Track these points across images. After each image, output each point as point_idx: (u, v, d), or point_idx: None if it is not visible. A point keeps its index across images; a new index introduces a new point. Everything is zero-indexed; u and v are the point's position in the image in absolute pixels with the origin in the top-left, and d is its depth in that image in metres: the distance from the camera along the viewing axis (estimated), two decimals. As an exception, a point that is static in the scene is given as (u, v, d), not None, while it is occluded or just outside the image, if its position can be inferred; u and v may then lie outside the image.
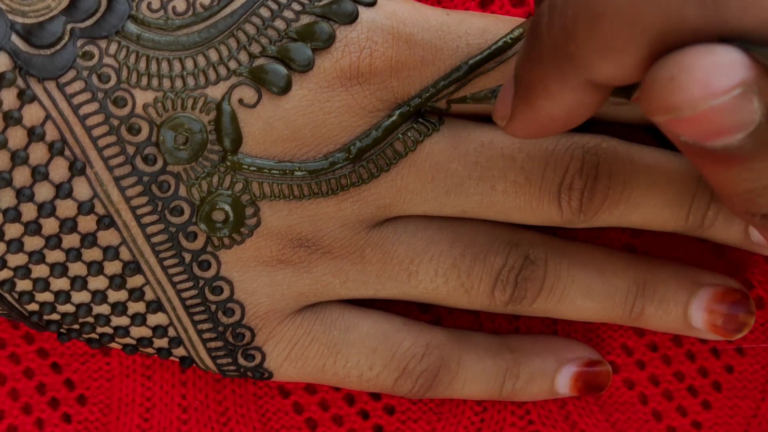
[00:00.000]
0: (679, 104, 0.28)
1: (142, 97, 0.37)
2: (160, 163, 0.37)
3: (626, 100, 0.33)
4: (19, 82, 0.36)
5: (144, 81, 0.37)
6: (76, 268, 0.38)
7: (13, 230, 0.37)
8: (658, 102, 0.28)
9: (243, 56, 0.37)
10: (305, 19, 0.38)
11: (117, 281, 0.39)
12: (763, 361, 0.44)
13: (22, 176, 0.37)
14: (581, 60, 0.30)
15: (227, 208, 0.38)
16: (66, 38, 0.37)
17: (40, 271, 0.38)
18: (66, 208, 0.37)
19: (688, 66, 0.28)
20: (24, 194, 0.37)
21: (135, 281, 0.39)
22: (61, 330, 0.40)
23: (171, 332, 0.40)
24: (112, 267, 0.39)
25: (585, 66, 0.30)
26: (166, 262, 0.39)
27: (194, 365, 0.42)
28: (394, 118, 0.38)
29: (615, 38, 0.29)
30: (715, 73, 0.28)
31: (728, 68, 0.28)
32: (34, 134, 0.37)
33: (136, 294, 0.39)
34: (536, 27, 0.31)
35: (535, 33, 0.31)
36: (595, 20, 0.29)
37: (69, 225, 0.38)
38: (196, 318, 0.40)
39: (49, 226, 0.38)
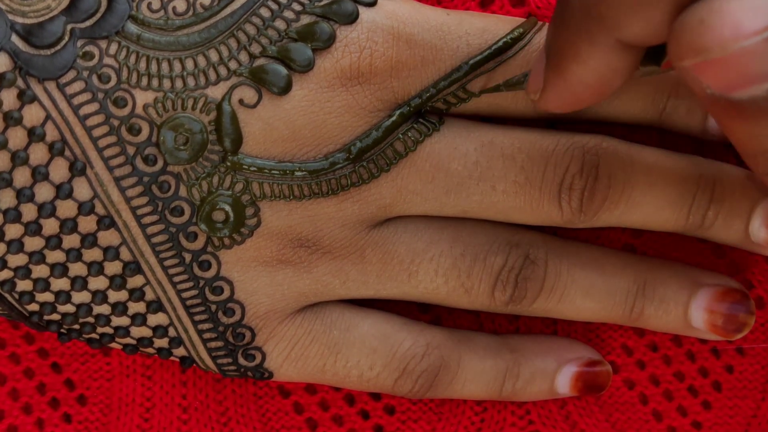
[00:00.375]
0: (709, 45, 0.28)
1: (143, 97, 0.37)
2: (160, 164, 0.37)
3: (657, 68, 0.33)
4: (20, 82, 0.36)
5: (144, 81, 0.37)
6: (77, 269, 0.38)
7: (13, 231, 0.37)
8: (687, 44, 0.28)
9: (243, 56, 0.38)
10: (305, 19, 0.38)
11: (117, 281, 0.39)
12: (763, 361, 0.44)
13: (22, 177, 0.37)
14: (610, 19, 0.30)
15: (227, 208, 0.38)
16: (66, 38, 0.37)
17: (40, 271, 0.38)
18: (66, 208, 0.37)
19: (718, 8, 0.28)
20: (24, 195, 0.37)
21: (135, 281, 0.39)
22: (62, 330, 0.40)
23: (171, 332, 0.40)
24: (113, 267, 0.39)
25: (614, 25, 0.30)
26: (167, 263, 0.39)
27: (194, 365, 0.42)
28: (394, 118, 0.38)
29: None
30: (745, 15, 0.28)
31: (758, 11, 0.28)
32: (34, 134, 0.37)
33: (137, 294, 0.39)
34: None
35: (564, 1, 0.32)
36: None
37: (69, 225, 0.38)
38: (197, 318, 0.40)
39: (50, 226, 0.38)
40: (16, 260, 0.38)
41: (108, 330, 0.40)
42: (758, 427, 0.44)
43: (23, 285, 0.39)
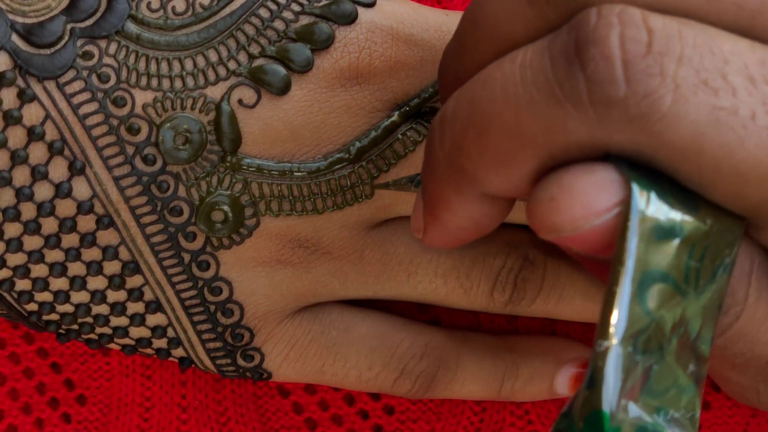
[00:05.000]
0: (560, 225, 0.28)
1: (142, 96, 0.37)
2: (159, 163, 0.37)
3: None
4: (19, 81, 0.37)
5: (143, 81, 0.37)
6: (75, 268, 0.38)
7: (12, 229, 0.37)
8: (540, 221, 0.28)
9: (242, 56, 0.38)
10: (304, 20, 0.38)
11: (116, 281, 0.39)
12: (762, 361, 0.44)
13: (21, 175, 0.37)
14: (473, 174, 0.30)
15: (226, 208, 0.38)
16: (66, 38, 0.37)
17: (39, 270, 0.38)
18: (65, 207, 0.37)
19: (568, 185, 0.28)
20: (23, 193, 0.37)
21: (134, 281, 0.39)
22: (60, 330, 0.40)
23: (170, 333, 0.40)
24: (111, 267, 0.39)
25: (477, 179, 0.30)
26: (166, 263, 0.39)
27: (193, 365, 0.42)
28: (393, 118, 0.39)
29: (502, 151, 0.29)
30: (594, 193, 0.28)
31: (607, 187, 0.28)
32: (33, 133, 0.37)
33: (135, 294, 0.39)
34: (431, 141, 0.31)
35: (430, 147, 0.31)
36: (482, 133, 0.29)
37: (68, 224, 0.38)
38: (195, 318, 0.40)
39: (49, 225, 0.38)
40: (15, 259, 0.38)
41: (107, 330, 0.40)
42: (757, 427, 0.44)
43: (22, 284, 0.39)
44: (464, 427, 0.44)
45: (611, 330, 0.27)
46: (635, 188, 0.28)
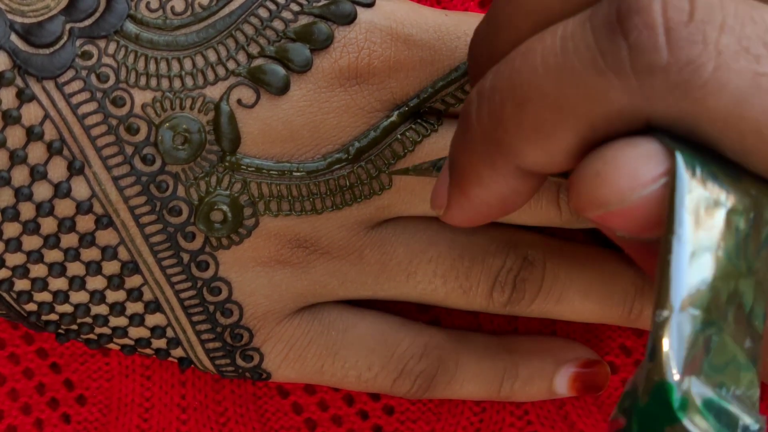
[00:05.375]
0: (607, 198, 0.28)
1: (141, 96, 0.37)
2: (158, 163, 0.37)
3: (565, 180, 0.33)
4: (18, 81, 0.37)
5: (143, 81, 0.37)
6: (75, 268, 0.38)
7: (11, 229, 0.37)
8: (586, 198, 0.28)
9: (241, 56, 0.38)
10: (303, 20, 0.38)
11: (115, 281, 0.39)
12: (762, 362, 0.44)
13: (20, 175, 0.37)
14: (509, 146, 0.30)
15: (225, 208, 0.38)
16: (65, 38, 0.37)
17: (38, 270, 0.38)
18: (64, 207, 0.37)
19: (613, 159, 0.28)
20: (22, 193, 0.37)
21: (133, 281, 0.39)
22: (60, 330, 0.40)
23: (169, 333, 0.40)
24: (111, 267, 0.39)
25: (513, 152, 0.30)
26: (165, 263, 0.39)
27: (193, 366, 0.42)
28: (392, 118, 0.39)
29: (541, 123, 0.29)
30: (640, 164, 0.28)
31: (653, 158, 0.28)
32: (32, 133, 0.37)
33: (135, 294, 0.39)
34: (466, 114, 0.31)
35: (465, 120, 0.31)
36: (522, 105, 0.29)
37: (67, 224, 0.38)
38: (195, 318, 0.40)
39: (48, 225, 0.38)
40: (14, 259, 0.38)
41: (106, 330, 0.40)
42: (757, 429, 0.44)
43: (21, 284, 0.39)
44: (464, 428, 0.44)
45: (670, 299, 0.27)
46: (680, 158, 0.28)
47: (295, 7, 0.38)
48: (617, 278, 0.41)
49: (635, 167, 0.28)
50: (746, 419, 0.28)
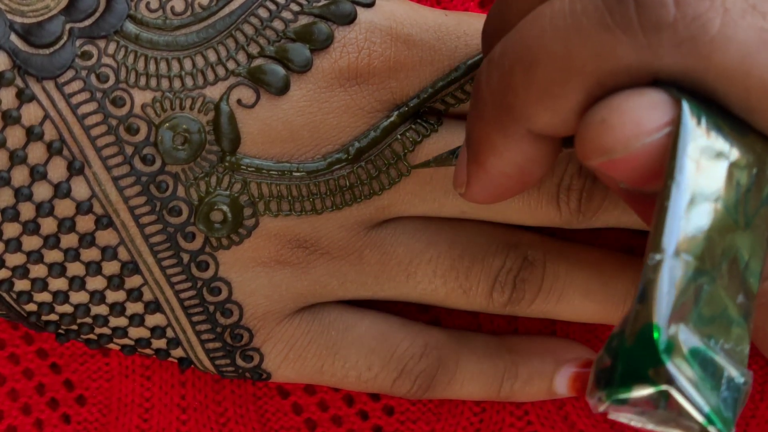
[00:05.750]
0: (611, 145, 0.28)
1: (141, 97, 0.37)
2: (158, 163, 0.37)
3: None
4: (18, 81, 0.37)
5: (142, 81, 0.37)
6: (75, 268, 0.38)
7: (11, 230, 0.37)
8: (591, 144, 0.29)
9: (241, 57, 0.38)
10: (303, 20, 0.38)
11: (115, 281, 0.39)
12: (761, 361, 0.44)
13: (20, 175, 0.37)
14: (520, 110, 0.30)
15: (225, 208, 0.38)
16: (65, 38, 0.37)
17: (38, 271, 0.38)
18: (64, 207, 0.37)
19: (618, 107, 0.28)
20: (22, 193, 0.37)
21: (133, 281, 0.39)
22: (60, 330, 0.40)
23: (169, 333, 0.40)
24: (111, 267, 0.39)
25: (524, 116, 0.30)
26: (165, 263, 0.39)
27: (193, 366, 0.42)
28: (392, 118, 0.39)
29: (550, 83, 0.29)
30: (645, 112, 0.28)
31: (658, 106, 0.28)
32: (32, 133, 0.37)
33: (135, 294, 0.39)
34: (477, 84, 0.32)
35: (477, 90, 0.32)
36: (531, 67, 0.29)
37: (67, 225, 0.38)
38: (195, 319, 0.40)
39: (48, 225, 0.38)
40: (14, 260, 0.38)
41: (106, 330, 0.40)
42: (756, 428, 0.44)
43: (21, 285, 0.39)
44: (464, 428, 0.44)
45: (663, 242, 0.27)
46: (686, 106, 0.28)
47: (295, 7, 0.38)
48: (617, 278, 0.41)
49: (640, 115, 0.28)
50: (732, 371, 0.28)
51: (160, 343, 0.40)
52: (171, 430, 0.44)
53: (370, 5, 0.38)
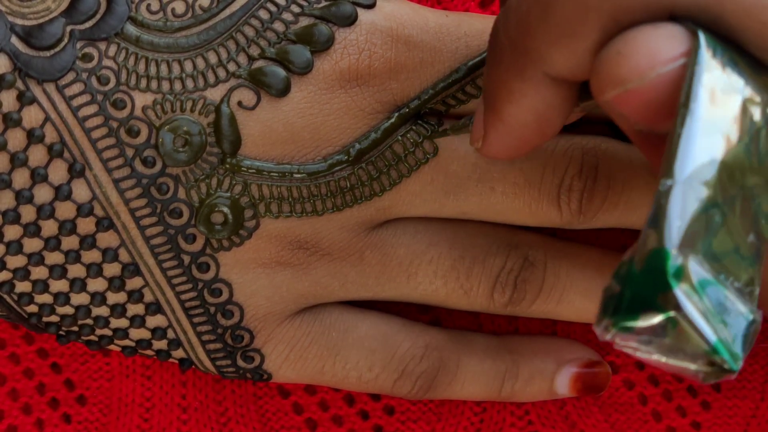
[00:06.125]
0: (626, 75, 0.28)
1: (141, 99, 0.37)
2: (159, 165, 0.37)
3: (594, 102, 0.34)
4: (19, 83, 0.37)
5: (143, 83, 0.37)
6: (75, 270, 0.38)
7: (12, 232, 0.37)
8: (606, 76, 0.29)
9: (242, 58, 0.38)
10: (304, 21, 0.38)
11: (116, 283, 0.39)
12: (762, 361, 0.44)
13: (21, 178, 0.37)
14: (535, 52, 0.30)
15: (226, 210, 0.38)
16: (65, 40, 0.37)
17: (39, 272, 0.38)
18: (65, 209, 0.37)
19: (634, 39, 0.28)
20: (23, 196, 0.37)
21: (134, 283, 0.39)
22: (60, 332, 0.40)
23: (170, 334, 0.40)
24: (111, 269, 0.39)
25: (541, 58, 0.30)
26: (165, 264, 0.39)
27: (193, 366, 0.42)
28: (393, 120, 0.38)
29: (567, 23, 0.29)
30: (660, 43, 0.28)
31: (674, 38, 0.28)
32: (33, 136, 0.37)
33: (135, 296, 0.39)
34: (494, 31, 0.32)
35: (494, 37, 0.32)
36: (547, 8, 0.30)
37: (68, 227, 0.38)
38: (195, 320, 0.40)
39: (48, 227, 0.38)
40: (15, 262, 0.38)
41: (107, 332, 0.40)
42: (757, 428, 0.44)
43: (22, 286, 0.39)
44: (464, 428, 0.44)
45: (675, 169, 0.27)
46: (702, 37, 0.28)
47: (295, 9, 0.38)
48: (618, 278, 0.41)
49: (656, 45, 0.28)
50: (742, 308, 0.28)
51: (161, 344, 0.40)
52: (172, 430, 0.44)
53: (371, 6, 0.38)
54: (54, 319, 0.40)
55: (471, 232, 0.41)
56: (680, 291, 0.27)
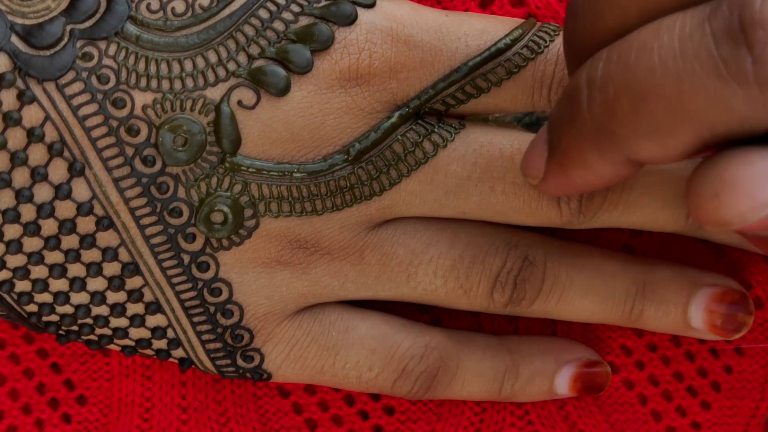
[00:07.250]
0: (728, 220, 0.28)
1: (141, 98, 0.37)
2: (159, 165, 0.37)
3: None
4: (19, 83, 0.37)
5: (143, 82, 0.37)
6: (75, 269, 0.38)
7: (12, 231, 0.37)
8: (706, 217, 0.29)
9: (242, 58, 0.38)
10: (304, 21, 0.38)
11: (116, 282, 0.39)
12: (762, 361, 0.44)
13: (21, 177, 0.37)
14: (623, 139, 0.30)
15: (226, 209, 0.38)
16: (65, 39, 0.37)
17: (39, 272, 0.38)
18: (65, 209, 0.37)
19: (730, 181, 0.28)
20: (23, 195, 0.37)
21: (134, 282, 0.39)
22: (60, 331, 0.40)
23: (170, 333, 0.40)
24: (111, 268, 0.39)
25: (627, 146, 0.30)
26: (165, 264, 0.39)
27: (193, 366, 0.42)
28: (393, 119, 0.38)
29: (660, 122, 0.29)
30: (758, 185, 0.28)
31: None
32: (33, 135, 0.37)
33: (135, 295, 0.39)
34: (575, 101, 0.31)
35: (574, 106, 0.31)
36: (639, 102, 0.29)
37: (68, 226, 0.38)
38: (195, 319, 0.40)
39: (48, 227, 0.38)
40: (15, 261, 0.38)
41: (107, 331, 0.40)
42: (757, 428, 0.44)
43: (22, 286, 0.39)
44: (464, 428, 0.44)
45: None
46: None
47: (295, 8, 0.38)
48: (617, 278, 0.41)
49: (753, 188, 0.28)
50: None
51: (160, 344, 0.40)
52: (171, 430, 0.44)
53: (371, 6, 0.38)
54: (54, 318, 0.40)
55: (471, 232, 0.41)
56: None
